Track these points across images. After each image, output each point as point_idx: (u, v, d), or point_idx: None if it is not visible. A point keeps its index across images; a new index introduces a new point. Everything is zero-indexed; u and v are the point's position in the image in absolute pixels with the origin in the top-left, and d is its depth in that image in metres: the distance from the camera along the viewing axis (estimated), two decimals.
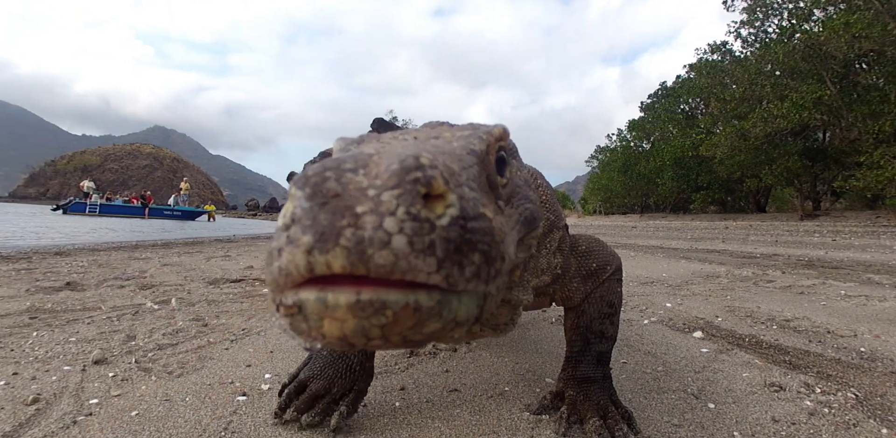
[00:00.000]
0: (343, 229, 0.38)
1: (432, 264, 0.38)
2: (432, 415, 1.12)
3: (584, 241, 1.19)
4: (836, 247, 6.77)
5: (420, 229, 0.39)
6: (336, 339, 0.40)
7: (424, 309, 0.39)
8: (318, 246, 0.38)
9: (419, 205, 0.39)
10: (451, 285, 0.40)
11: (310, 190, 0.40)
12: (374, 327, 0.39)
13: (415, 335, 0.41)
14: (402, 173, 0.41)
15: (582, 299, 1.16)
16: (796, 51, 17.70)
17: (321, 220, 0.39)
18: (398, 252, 0.37)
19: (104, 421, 1.06)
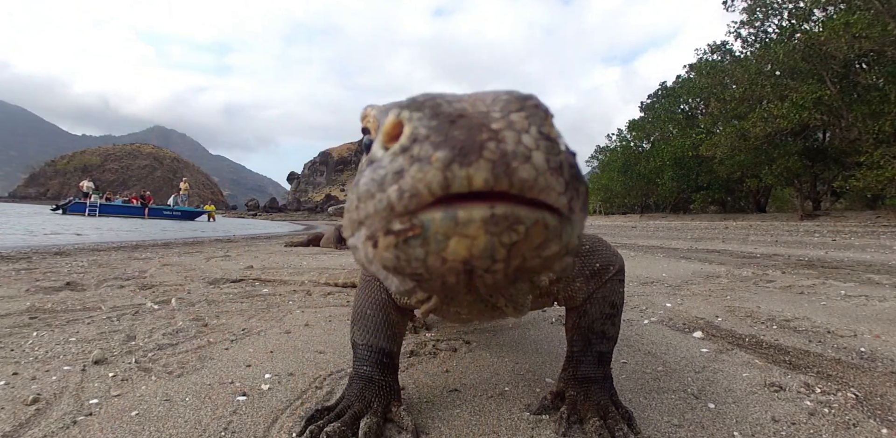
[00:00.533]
0: (486, 142, 0.37)
1: (561, 185, 0.38)
2: (432, 415, 1.12)
3: (587, 240, 1.18)
4: (836, 247, 6.77)
5: (552, 149, 0.39)
6: (459, 262, 0.38)
7: (551, 228, 0.38)
8: (459, 160, 0.36)
9: (548, 126, 0.40)
10: (571, 210, 0.40)
11: (430, 111, 0.39)
12: (503, 246, 0.37)
13: (534, 259, 0.40)
14: (521, 100, 0.41)
15: (584, 299, 1.15)
16: (796, 51, 17.70)
17: (457, 135, 0.37)
18: (539, 168, 0.37)
19: (104, 421, 1.06)
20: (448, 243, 0.37)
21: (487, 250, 0.37)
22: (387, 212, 0.39)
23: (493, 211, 0.36)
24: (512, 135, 0.37)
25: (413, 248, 0.38)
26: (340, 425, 0.98)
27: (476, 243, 0.37)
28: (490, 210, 0.36)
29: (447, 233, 0.36)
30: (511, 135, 0.37)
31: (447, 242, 0.37)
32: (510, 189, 0.36)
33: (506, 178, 0.36)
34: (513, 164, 0.36)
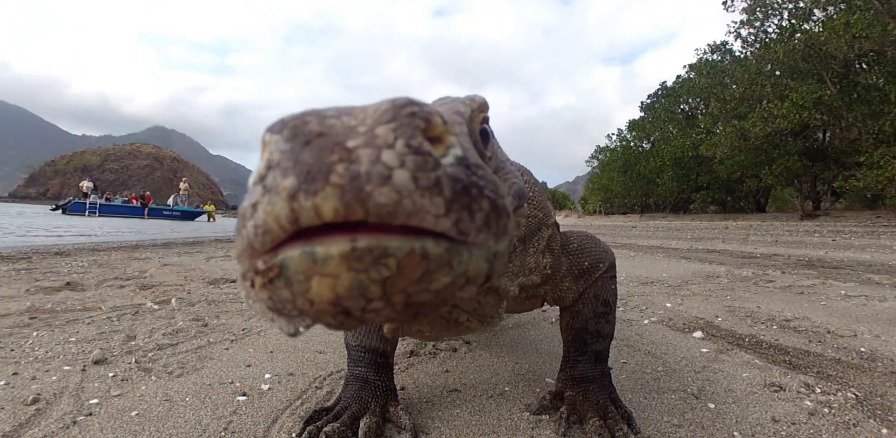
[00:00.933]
0: (333, 164, 0.32)
1: (440, 205, 0.33)
2: (432, 415, 1.12)
3: (575, 238, 1.16)
4: (836, 247, 6.77)
5: (424, 164, 0.33)
6: (327, 304, 0.33)
7: (433, 258, 0.33)
8: (305, 188, 0.31)
9: (420, 138, 0.34)
10: (462, 233, 0.34)
11: (289, 132, 0.34)
12: (374, 283, 0.32)
13: (421, 294, 0.34)
14: (397, 109, 0.35)
15: (575, 298, 1.14)
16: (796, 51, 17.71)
17: (305, 159, 0.32)
18: (402, 189, 0.32)
19: (104, 421, 1.06)
20: (310, 284, 0.32)
21: (355, 290, 0.32)
22: (250, 250, 0.35)
23: (353, 244, 0.31)
24: (368, 153, 0.32)
25: (279, 289, 0.33)
26: (339, 425, 0.99)
27: (340, 283, 0.32)
28: (350, 244, 0.31)
29: (307, 273, 0.32)
30: (367, 153, 0.32)
31: (309, 282, 0.32)
32: (367, 218, 0.31)
33: (359, 206, 0.31)
34: (366, 188, 0.31)
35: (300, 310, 0.34)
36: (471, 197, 0.35)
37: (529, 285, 0.95)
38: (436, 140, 0.37)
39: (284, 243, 0.33)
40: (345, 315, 0.34)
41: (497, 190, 0.39)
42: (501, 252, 0.41)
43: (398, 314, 0.36)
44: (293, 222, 0.32)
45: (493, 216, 0.37)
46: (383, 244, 0.31)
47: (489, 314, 0.70)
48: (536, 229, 0.93)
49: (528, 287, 0.98)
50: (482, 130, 0.56)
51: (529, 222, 0.91)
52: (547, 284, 1.07)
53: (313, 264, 0.31)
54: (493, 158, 0.57)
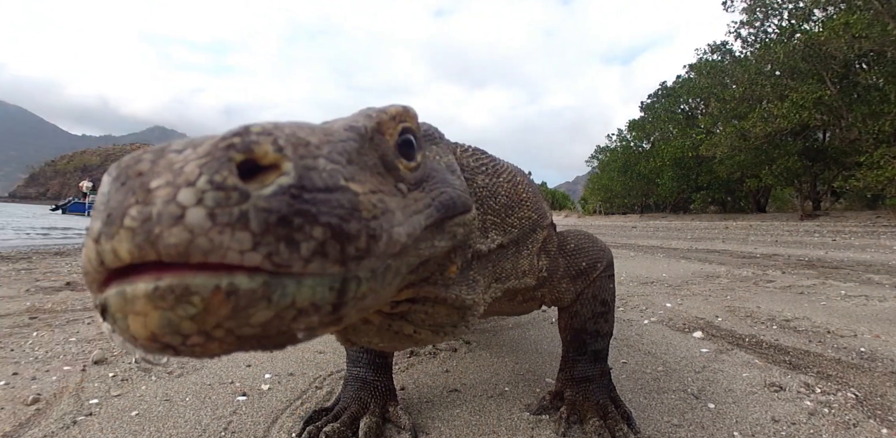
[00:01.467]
0: (129, 207, 0.32)
1: (245, 240, 0.32)
2: (432, 415, 1.12)
3: (572, 238, 1.15)
4: (836, 247, 6.77)
5: (226, 199, 0.32)
6: (146, 340, 0.33)
7: (243, 293, 0.32)
8: (105, 231, 0.33)
9: (226, 172, 0.33)
10: (279, 265, 0.33)
11: (115, 172, 0.35)
12: (184, 320, 0.32)
13: (243, 328, 0.34)
14: (220, 140, 0.35)
15: (573, 299, 1.13)
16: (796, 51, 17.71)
17: (112, 202, 0.33)
18: (194, 228, 0.31)
19: (104, 421, 1.06)
20: (128, 322, 0.33)
21: (166, 327, 0.32)
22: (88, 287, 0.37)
23: (157, 284, 0.32)
24: (165, 193, 0.32)
25: (111, 324, 0.34)
26: (339, 425, 0.99)
27: (150, 321, 0.32)
28: (154, 283, 0.32)
29: (123, 311, 0.33)
30: (164, 193, 0.32)
31: (126, 321, 0.33)
32: (163, 259, 0.32)
33: (149, 247, 0.31)
34: (155, 229, 0.31)
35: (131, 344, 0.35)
36: (291, 227, 0.34)
37: (523, 287, 0.93)
38: (270, 169, 0.35)
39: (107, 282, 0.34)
40: (172, 350, 0.34)
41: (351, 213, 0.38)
42: (361, 276, 0.39)
43: (233, 346, 0.36)
44: (100, 263, 0.33)
45: (333, 243, 0.36)
46: (185, 283, 0.32)
47: (445, 323, 0.66)
48: (530, 230, 0.92)
49: (522, 290, 0.96)
50: (403, 140, 0.54)
51: (522, 223, 0.89)
52: (544, 286, 1.05)
53: (125, 304, 0.32)
54: (418, 169, 0.55)
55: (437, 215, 0.53)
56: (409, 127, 0.56)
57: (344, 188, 0.39)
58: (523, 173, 1.00)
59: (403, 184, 0.51)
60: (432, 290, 0.60)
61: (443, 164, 0.63)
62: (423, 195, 0.53)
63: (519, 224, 0.89)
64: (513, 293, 0.94)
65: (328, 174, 0.38)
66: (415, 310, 0.63)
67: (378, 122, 0.51)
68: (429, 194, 0.54)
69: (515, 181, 0.92)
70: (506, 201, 0.88)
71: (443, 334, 0.67)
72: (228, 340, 0.34)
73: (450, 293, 0.63)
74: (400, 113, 0.55)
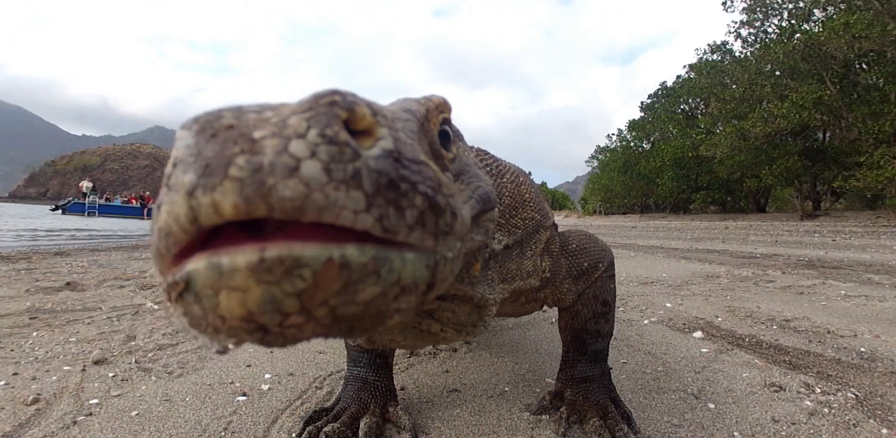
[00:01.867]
0: (234, 157, 0.29)
1: (359, 199, 0.30)
2: (432, 415, 1.12)
3: (574, 238, 1.15)
4: (836, 247, 6.77)
5: (340, 155, 0.30)
6: (240, 320, 0.30)
7: (355, 266, 0.30)
8: (203, 183, 0.29)
9: (337, 127, 0.31)
10: (388, 231, 0.31)
11: (198, 126, 0.32)
12: (289, 296, 0.29)
13: (347, 307, 0.31)
14: (317, 98, 0.33)
15: (574, 299, 1.13)
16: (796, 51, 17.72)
17: (207, 152, 0.30)
18: (311, 181, 0.29)
19: (104, 421, 1.06)
20: (219, 299, 0.29)
21: (268, 305, 0.29)
22: (159, 260, 0.33)
23: (262, 254, 0.28)
24: (275, 143, 0.30)
25: (190, 304, 0.31)
26: (339, 425, 0.99)
27: (250, 298, 0.29)
28: (259, 254, 0.28)
29: (214, 286, 0.29)
30: (273, 143, 0.30)
31: (217, 297, 0.29)
32: (272, 214, 0.28)
33: (260, 200, 0.28)
34: (268, 180, 0.28)
35: (214, 327, 0.31)
36: (399, 192, 0.33)
37: (528, 288, 0.93)
38: (363, 133, 0.34)
39: (193, 252, 0.30)
40: (263, 332, 0.31)
41: (438, 188, 0.37)
42: (448, 258, 0.38)
43: (327, 329, 0.33)
44: (193, 221, 0.29)
45: (430, 214, 0.35)
46: (296, 253, 0.28)
47: (467, 323, 0.67)
48: (533, 231, 0.92)
49: (526, 291, 0.96)
50: (442, 131, 0.54)
51: (526, 224, 0.89)
52: (547, 287, 1.05)
53: (220, 278, 0.29)
54: (455, 161, 0.55)
55: (478, 207, 0.53)
56: (448, 118, 0.56)
57: (426, 163, 0.38)
58: (525, 174, 1.00)
59: (449, 173, 0.50)
60: (461, 288, 0.61)
61: (471, 159, 0.64)
62: (465, 187, 0.53)
63: (523, 225, 0.89)
64: (517, 294, 0.94)
65: (411, 148, 0.38)
66: (443, 308, 0.63)
67: (427, 109, 0.51)
68: (468, 186, 0.55)
69: (518, 182, 0.92)
70: (510, 201, 0.88)
71: (465, 333, 0.68)
72: (326, 320, 0.32)
73: (476, 291, 0.64)
74: (441, 103, 0.55)
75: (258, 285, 0.28)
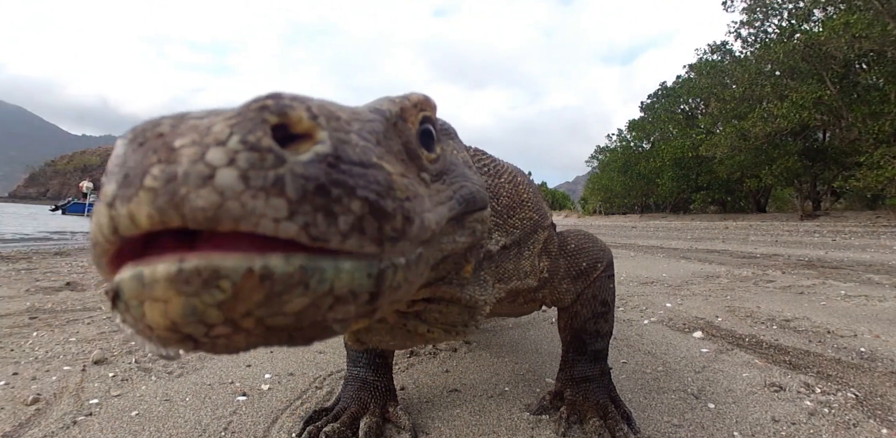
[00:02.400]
0: (150, 167, 0.29)
1: (281, 207, 0.29)
2: (432, 415, 1.12)
3: (572, 238, 1.14)
4: (836, 247, 6.77)
5: (261, 161, 0.29)
6: (165, 330, 0.30)
7: (278, 277, 0.29)
8: (121, 194, 0.29)
9: (260, 132, 0.30)
10: (317, 239, 0.30)
11: (131, 135, 0.32)
12: (211, 307, 0.29)
13: (276, 318, 0.31)
14: (248, 104, 0.32)
15: (573, 299, 1.12)
16: (796, 51, 17.72)
17: (129, 163, 0.30)
18: (224, 190, 0.28)
19: (104, 421, 1.06)
20: (144, 310, 0.29)
21: (190, 316, 0.29)
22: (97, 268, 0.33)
23: (180, 265, 0.28)
24: (191, 152, 0.29)
25: (124, 313, 0.31)
26: (339, 425, 0.99)
27: (171, 308, 0.29)
28: (177, 265, 0.28)
29: (138, 297, 0.29)
30: (190, 152, 0.29)
31: (142, 308, 0.29)
32: (186, 224, 0.28)
33: (173, 210, 0.28)
34: (181, 190, 0.28)
35: (146, 336, 0.31)
36: (330, 198, 0.31)
37: (525, 289, 0.92)
38: (304, 137, 0.33)
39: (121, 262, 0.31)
40: (193, 342, 0.31)
41: (387, 191, 0.36)
42: (401, 264, 0.36)
43: (262, 339, 0.33)
44: (114, 231, 0.30)
45: (370, 220, 0.33)
46: (214, 264, 0.28)
47: (457, 323, 0.66)
48: (531, 231, 0.92)
49: (524, 291, 0.96)
50: (424, 130, 0.52)
51: (524, 224, 0.89)
52: (545, 288, 1.05)
53: (143, 288, 0.29)
54: (438, 161, 0.53)
55: (459, 208, 0.52)
56: (430, 117, 0.55)
57: (378, 166, 0.37)
58: (523, 174, 0.99)
59: (426, 174, 0.49)
60: (448, 290, 0.60)
61: (460, 159, 0.62)
62: (445, 188, 0.52)
63: (521, 225, 0.88)
64: (515, 294, 0.94)
65: (361, 150, 0.36)
66: (430, 309, 0.63)
67: (401, 107, 0.49)
68: (450, 186, 0.53)
69: (516, 182, 0.92)
70: (507, 201, 0.88)
71: (454, 333, 0.67)
72: (257, 331, 0.31)
73: (465, 293, 0.63)
74: (421, 101, 0.54)
75: (178, 296, 0.28)
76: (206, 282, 0.28)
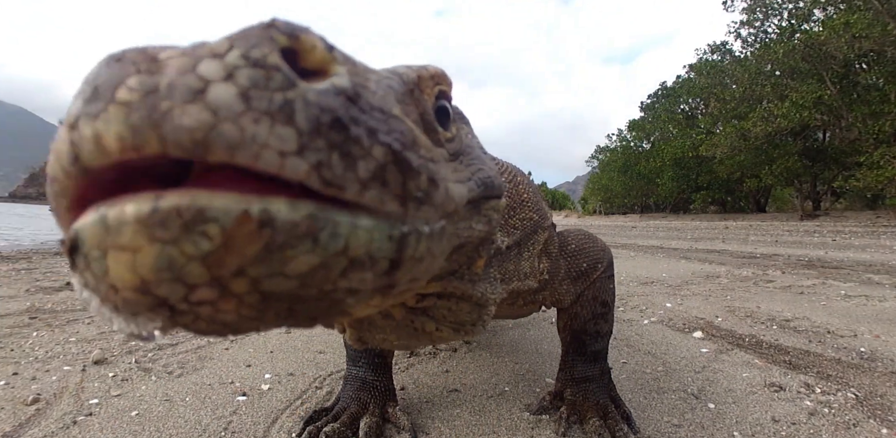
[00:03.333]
0: (125, 78, 0.23)
1: (289, 138, 0.24)
2: (432, 415, 1.12)
3: (572, 239, 1.13)
4: (836, 247, 6.77)
5: (266, 80, 0.24)
6: (134, 291, 0.24)
7: (281, 226, 0.23)
8: (86, 111, 0.23)
9: (267, 48, 0.25)
10: (331, 184, 0.25)
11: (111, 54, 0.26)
12: (192, 260, 0.23)
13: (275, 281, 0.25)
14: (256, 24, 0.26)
15: (573, 300, 1.11)
16: (796, 51, 17.73)
17: (101, 77, 0.24)
18: (220, 107, 0.23)
19: (104, 421, 1.06)
20: (107, 263, 0.23)
21: (165, 271, 0.23)
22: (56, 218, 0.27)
23: (155, 204, 0.22)
24: (180, 63, 0.23)
25: (83, 272, 0.24)
26: (339, 425, 0.99)
27: (141, 260, 0.22)
28: (152, 203, 0.22)
29: (100, 246, 0.23)
30: (179, 63, 0.23)
31: (105, 260, 0.23)
32: (167, 150, 0.22)
33: (150, 130, 0.22)
34: (161, 105, 0.22)
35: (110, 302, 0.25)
36: (349, 135, 0.25)
37: (526, 290, 0.91)
38: (316, 74, 0.28)
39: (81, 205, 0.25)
40: (168, 310, 0.25)
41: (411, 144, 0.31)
42: (424, 233, 0.31)
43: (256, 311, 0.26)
44: (74, 161, 0.23)
45: (394, 171, 0.28)
46: (200, 203, 0.22)
47: (466, 322, 0.62)
48: (532, 231, 0.91)
49: (524, 293, 0.95)
50: (440, 106, 0.48)
51: (524, 225, 0.88)
52: (545, 289, 1.03)
53: (106, 234, 0.23)
54: (454, 140, 0.48)
55: (478, 190, 0.47)
56: (446, 92, 0.50)
57: (399, 118, 0.32)
58: (523, 173, 0.99)
59: (444, 150, 0.44)
60: (460, 285, 0.57)
61: (475, 143, 0.59)
62: (463, 168, 0.47)
63: (521, 225, 0.88)
64: (515, 295, 0.93)
65: (381, 98, 0.31)
66: (439, 305, 0.60)
67: (419, 75, 0.44)
68: (467, 167, 0.48)
69: (516, 182, 0.92)
70: (507, 202, 0.87)
71: (463, 332, 0.64)
72: (250, 299, 0.25)
73: (476, 289, 0.60)
74: (438, 74, 0.48)
75: (151, 243, 0.22)
76: (187, 226, 0.22)
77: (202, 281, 0.23)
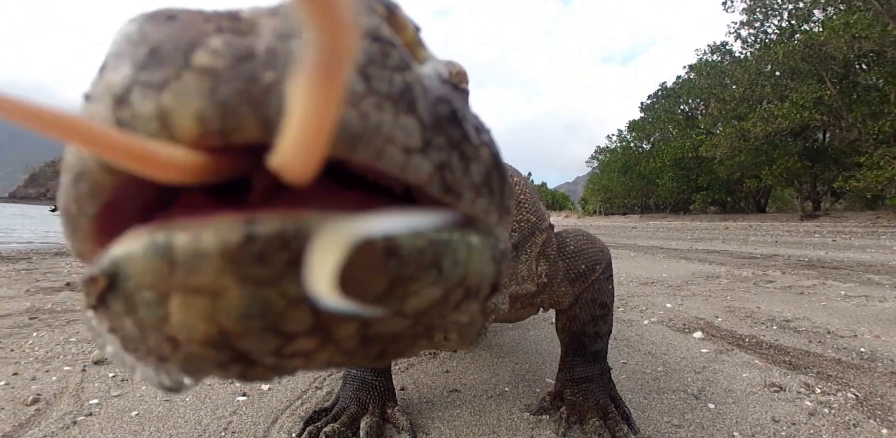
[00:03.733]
0: (203, 37, 0.17)
1: (413, 130, 0.19)
2: (432, 415, 1.12)
3: (571, 240, 1.11)
4: (836, 247, 6.77)
5: (383, 56, 0.19)
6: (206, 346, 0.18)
7: (406, 254, 0.18)
8: (144, 79, 0.17)
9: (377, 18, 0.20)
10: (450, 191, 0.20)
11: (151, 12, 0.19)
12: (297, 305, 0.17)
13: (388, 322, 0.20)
14: None
15: (572, 302, 1.10)
16: (796, 51, 17.75)
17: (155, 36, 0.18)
18: None
19: (104, 421, 1.06)
20: (168, 310, 0.17)
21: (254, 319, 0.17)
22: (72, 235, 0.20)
23: (250, 229, 0.16)
24: (278, 24, 0.17)
25: (119, 317, 0.18)
26: (339, 426, 0.99)
27: (222, 306, 0.17)
28: (244, 228, 0.16)
29: (159, 286, 0.17)
30: (276, 24, 0.17)
31: (165, 306, 0.17)
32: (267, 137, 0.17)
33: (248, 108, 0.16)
34: (264, 76, 0.16)
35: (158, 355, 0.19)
36: (464, 133, 0.21)
37: (524, 294, 0.89)
38: None
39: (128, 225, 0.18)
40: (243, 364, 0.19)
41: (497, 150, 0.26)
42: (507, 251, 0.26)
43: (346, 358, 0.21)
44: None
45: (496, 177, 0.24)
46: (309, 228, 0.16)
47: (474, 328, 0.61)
48: (529, 234, 0.89)
49: (522, 297, 0.94)
50: None
51: (521, 227, 0.86)
52: (544, 292, 1.02)
53: (170, 271, 0.16)
54: None
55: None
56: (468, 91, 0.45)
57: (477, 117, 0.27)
58: (519, 174, 0.98)
59: None
60: None
61: None
62: None
63: (518, 228, 0.87)
64: (513, 299, 0.92)
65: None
66: None
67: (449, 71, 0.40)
68: None
69: (514, 181, 0.91)
70: None
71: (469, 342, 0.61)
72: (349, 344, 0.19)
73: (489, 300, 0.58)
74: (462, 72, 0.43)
75: (241, 285, 0.16)
76: (293, 260, 0.16)
77: (302, 329, 0.18)
